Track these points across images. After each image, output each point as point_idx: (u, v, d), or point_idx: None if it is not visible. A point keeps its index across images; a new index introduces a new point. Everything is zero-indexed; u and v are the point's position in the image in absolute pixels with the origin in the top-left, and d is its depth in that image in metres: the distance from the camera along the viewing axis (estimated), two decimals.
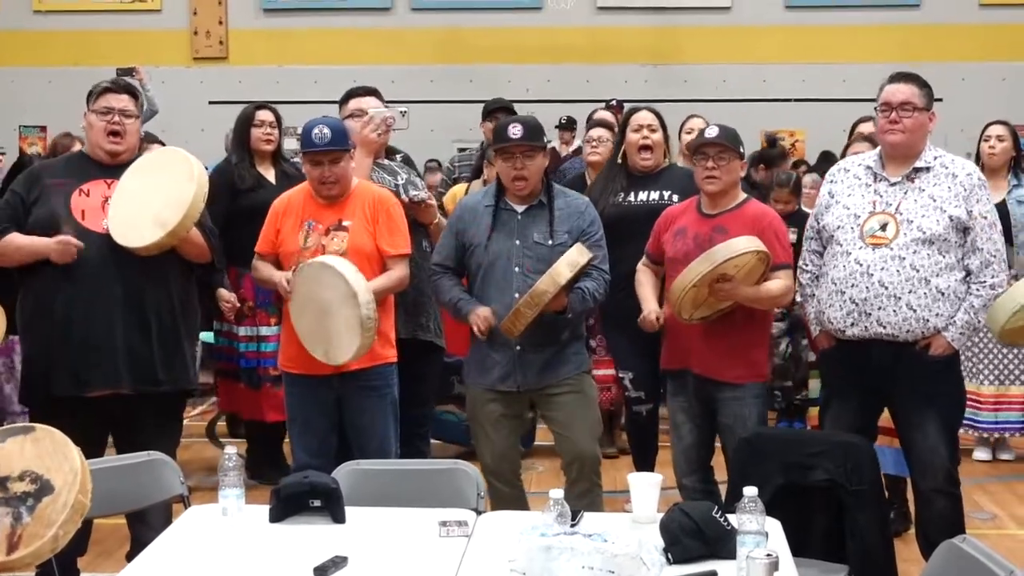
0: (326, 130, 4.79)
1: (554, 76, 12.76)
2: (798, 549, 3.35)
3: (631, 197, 5.78)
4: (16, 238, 4.64)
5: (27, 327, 4.78)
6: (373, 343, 4.67)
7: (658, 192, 5.74)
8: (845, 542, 4.20)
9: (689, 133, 7.09)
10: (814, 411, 5.68)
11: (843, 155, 5.99)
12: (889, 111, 4.57)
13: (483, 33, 13.03)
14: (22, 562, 3.04)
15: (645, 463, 5.93)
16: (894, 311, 4.46)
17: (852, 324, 4.54)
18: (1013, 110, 7.54)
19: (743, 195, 4.92)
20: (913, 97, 4.57)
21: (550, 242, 4.73)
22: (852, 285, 4.51)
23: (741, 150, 4.89)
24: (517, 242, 4.76)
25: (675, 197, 5.54)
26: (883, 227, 4.51)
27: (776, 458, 4.28)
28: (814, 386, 5.68)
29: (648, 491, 3.53)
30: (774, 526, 3.32)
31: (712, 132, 4.85)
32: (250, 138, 6.41)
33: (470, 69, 12.79)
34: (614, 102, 11.23)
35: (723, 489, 4.83)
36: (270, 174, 6.41)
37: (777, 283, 4.75)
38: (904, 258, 4.45)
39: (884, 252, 4.48)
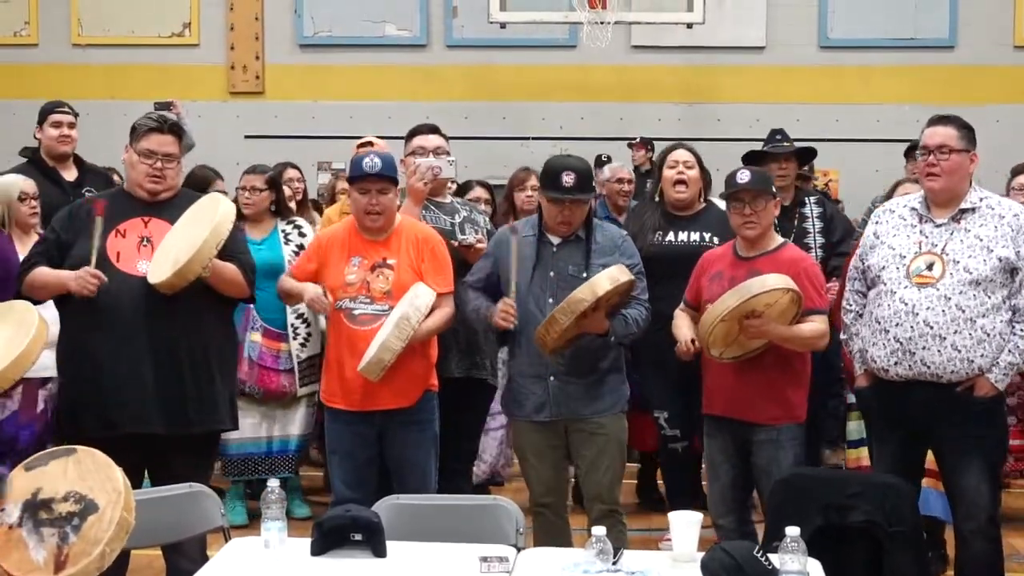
0: (376, 159, 4.86)
1: (587, 114, 12.77)
2: None
3: (670, 236, 5.80)
4: (40, 274, 4.68)
5: (62, 366, 4.84)
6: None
7: (698, 233, 5.77)
8: None
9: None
10: (852, 453, 5.66)
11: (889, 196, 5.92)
12: (927, 154, 4.58)
13: (517, 70, 13.05)
14: None
15: (680, 502, 5.90)
16: (939, 351, 4.44)
17: (896, 363, 4.53)
18: None
19: (779, 239, 4.94)
20: (950, 140, 4.56)
21: (584, 275, 4.74)
22: (897, 324, 4.50)
23: (773, 190, 4.92)
24: (552, 273, 4.80)
25: (715, 239, 5.54)
26: (929, 267, 4.50)
27: (814, 498, 4.28)
28: (852, 428, 5.65)
29: (689, 529, 3.54)
30: (815, 567, 3.32)
31: (744, 178, 4.83)
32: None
33: (504, 106, 12.82)
34: (637, 139, 11.23)
35: (759, 529, 4.83)
36: None
37: (810, 325, 4.74)
38: (950, 298, 4.43)
39: (930, 292, 4.46)
